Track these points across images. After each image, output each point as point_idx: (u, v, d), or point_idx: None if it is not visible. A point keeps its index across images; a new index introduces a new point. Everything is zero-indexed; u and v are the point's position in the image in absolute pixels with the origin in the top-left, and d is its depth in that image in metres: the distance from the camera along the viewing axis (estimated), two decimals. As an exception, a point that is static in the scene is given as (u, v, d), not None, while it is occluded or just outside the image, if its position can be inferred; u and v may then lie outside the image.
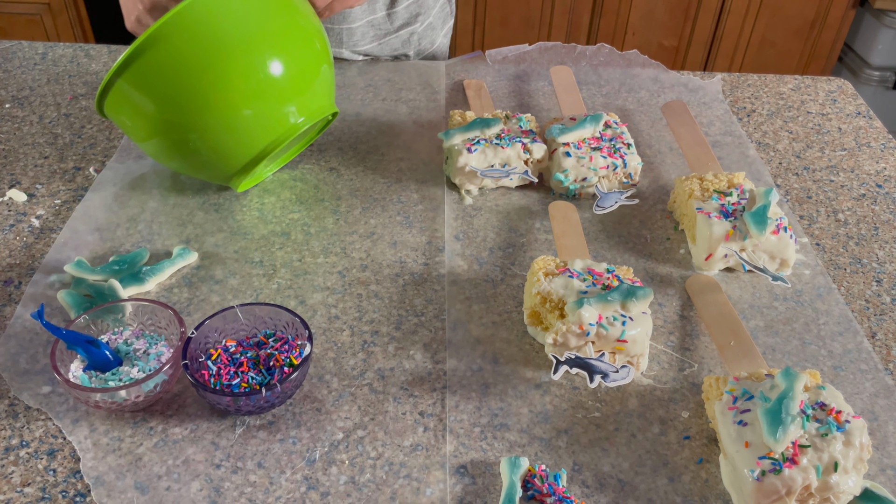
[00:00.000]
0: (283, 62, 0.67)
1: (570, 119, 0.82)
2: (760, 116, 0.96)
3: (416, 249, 0.73)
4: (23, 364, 0.60)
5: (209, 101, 0.65)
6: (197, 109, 0.66)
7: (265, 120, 0.69)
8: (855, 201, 0.82)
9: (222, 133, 0.68)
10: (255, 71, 0.66)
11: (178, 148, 0.69)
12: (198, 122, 0.67)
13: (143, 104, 0.66)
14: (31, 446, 0.54)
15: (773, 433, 0.50)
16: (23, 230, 0.73)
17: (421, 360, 0.62)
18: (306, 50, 0.70)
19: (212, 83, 0.65)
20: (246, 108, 0.67)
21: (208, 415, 0.57)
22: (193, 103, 0.65)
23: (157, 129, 0.68)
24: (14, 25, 2.09)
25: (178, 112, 0.66)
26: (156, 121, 0.67)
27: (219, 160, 0.71)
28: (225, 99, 0.66)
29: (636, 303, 0.59)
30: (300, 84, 0.70)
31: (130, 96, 0.66)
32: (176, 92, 0.65)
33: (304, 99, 0.71)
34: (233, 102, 0.66)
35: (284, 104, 0.69)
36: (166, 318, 0.59)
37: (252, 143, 0.70)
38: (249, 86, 0.66)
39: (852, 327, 0.66)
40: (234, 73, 0.65)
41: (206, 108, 0.66)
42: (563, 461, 0.54)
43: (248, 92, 0.66)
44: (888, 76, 2.19)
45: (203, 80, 0.64)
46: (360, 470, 0.53)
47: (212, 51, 0.64)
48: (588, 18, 2.17)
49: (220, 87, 0.65)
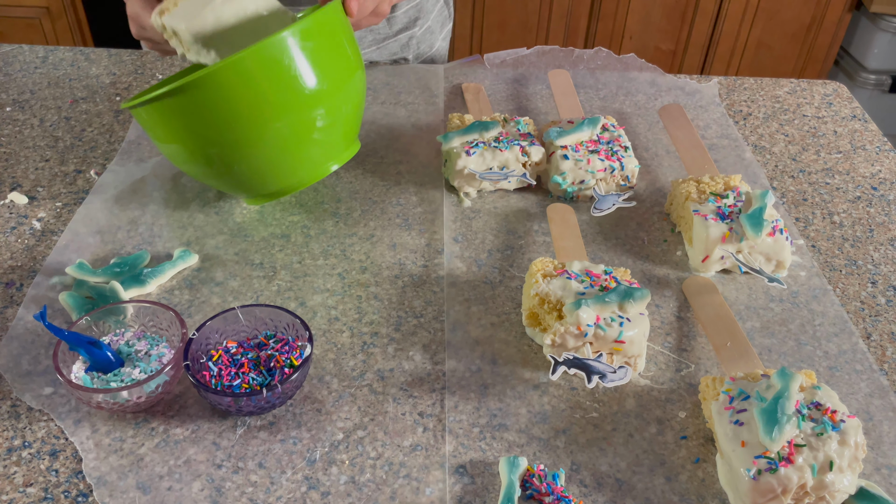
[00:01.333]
0: (328, 113, 0.67)
1: (568, 122, 0.83)
2: (757, 119, 0.97)
3: (416, 251, 0.73)
4: (25, 365, 0.60)
5: (247, 139, 0.64)
6: (232, 138, 0.65)
7: (299, 158, 0.69)
8: (850, 203, 0.82)
9: (252, 163, 0.67)
10: (301, 121, 0.65)
11: (200, 161, 0.67)
12: (229, 148, 0.65)
13: (178, 123, 0.64)
14: (33, 447, 0.55)
15: (769, 432, 0.50)
16: (24, 233, 0.74)
17: (420, 361, 0.62)
18: (351, 99, 0.70)
19: (253, 119, 0.63)
20: (280, 147, 0.66)
21: (209, 415, 0.57)
22: (229, 138, 0.64)
23: (183, 141, 0.66)
24: (13, 29, 2.09)
25: (212, 137, 0.65)
26: (184, 137, 0.65)
27: (240, 183, 0.71)
28: (262, 134, 0.65)
29: (633, 304, 0.60)
30: (340, 132, 0.70)
31: (168, 114, 0.64)
32: (214, 125, 0.63)
33: (341, 145, 0.72)
34: (268, 139, 0.65)
35: (322, 151, 0.70)
36: (167, 319, 0.60)
37: (280, 178, 0.70)
38: (292, 133, 0.66)
39: (847, 328, 0.66)
40: (279, 121, 0.64)
41: (241, 138, 0.65)
42: (561, 461, 0.55)
43: (290, 139, 0.66)
44: (884, 80, 2.20)
45: (246, 116, 0.63)
46: (360, 470, 0.54)
47: (261, 98, 0.63)
48: (585, 22, 2.18)
49: (262, 130, 0.64)
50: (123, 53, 1.05)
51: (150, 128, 0.67)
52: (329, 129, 0.68)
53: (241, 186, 0.71)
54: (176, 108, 0.63)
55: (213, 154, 0.66)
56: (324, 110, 0.66)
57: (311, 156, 0.69)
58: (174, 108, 0.63)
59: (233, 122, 0.63)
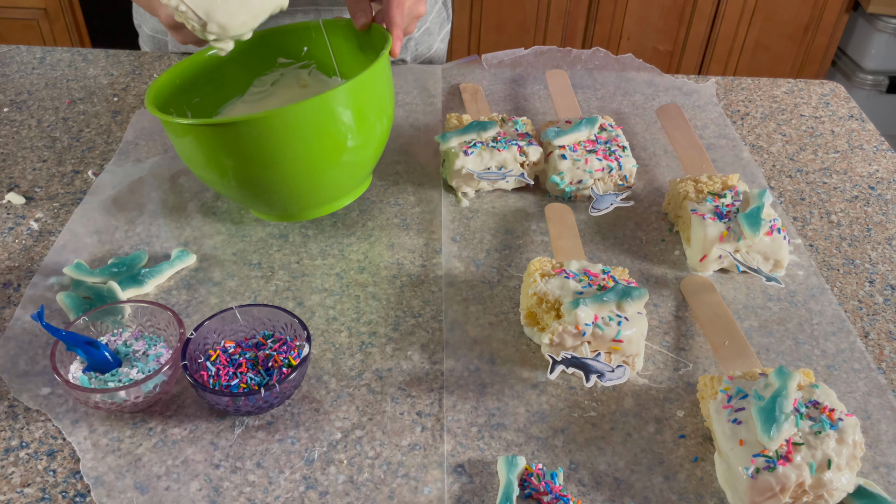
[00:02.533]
0: (357, 157, 0.68)
1: (566, 122, 0.83)
2: (754, 119, 0.97)
3: (414, 251, 0.73)
4: (22, 365, 0.60)
5: (273, 175, 0.65)
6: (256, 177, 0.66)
7: (318, 197, 0.71)
8: (848, 203, 0.82)
9: (274, 197, 0.69)
10: (330, 162, 0.67)
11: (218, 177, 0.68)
12: (250, 183, 0.67)
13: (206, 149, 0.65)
14: (30, 447, 0.55)
15: (767, 431, 0.50)
16: (21, 233, 0.74)
17: (418, 360, 0.62)
18: (380, 141, 0.71)
19: (280, 163, 0.65)
20: (306, 187, 0.68)
21: (207, 415, 0.57)
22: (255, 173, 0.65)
23: (213, 169, 0.67)
24: (10, 30, 2.09)
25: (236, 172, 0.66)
26: (216, 165, 0.66)
27: (252, 206, 0.72)
28: (290, 176, 0.66)
29: (631, 303, 0.60)
30: (362, 172, 0.72)
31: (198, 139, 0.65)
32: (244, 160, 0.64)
33: (359, 181, 0.73)
34: (296, 180, 0.67)
35: (343, 188, 0.72)
36: (165, 319, 0.60)
37: (295, 211, 0.72)
38: (319, 170, 0.67)
39: (845, 327, 0.66)
40: (308, 162, 0.65)
41: (266, 178, 0.66)
42: (559, 460, 0.55)
43: (316, 175, 0.67)
44: (881, 80, 2.20)
45: (274, 161, 0.64)
46: (358, 469, 0.54)
47: (298, 142, 0.64)
48: (583, 23, 2.19)
49: (289, 168, 0.65)
50: (121, 54, 1.05)
51: (176, 137, 0.67)
52: (351, 168, 0.70)
53: (250, 204, 0.73)
54: (209, 135, 0.64)
55: (232, 176, 0.66)
56: (354, 151, 0.68)
57: (328, 190, 0.71)
58: (208, 135, 0.64)
59: (263, 158, 0.64)
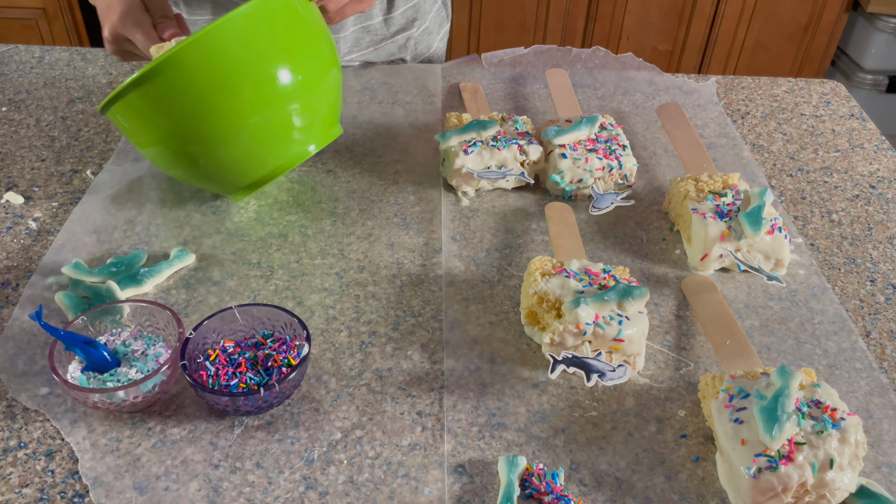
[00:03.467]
0: (296, 94, 0.67)
1: (566, 121, 0.83)
2: (754, 118, 0.97)
3: (414, 251, 0.73)
4: (21, 365, 0.60)
5: (219, 124, 0.64)
6: (205, 130, 0.65)
7: (275, 145, 0.68)
8: (849, 202, 0.82)
9: (229, 153, 0.67)
10: (269, 97, 0.65)
11: (180, 159, 0.68)
12: (204, 141, 0.66)
13: (150, 117, 0.65)
14: (29, 447, 0.54)
15: (769, 431, 0.50)
16: (20, 232, 0.73)
17: (418, 360, 0.62)
18: (319, 77, 0.69)
19: (223, 107, 0.64)
20: (255, 135, 0.66)
21: (206, 415, 0.57)
22: (203, 124, 0.64)
23: (161, 140, 0.66)
24: (9, 30, 2.09)
25: (185, 129, 0.65)
26: (161, 133, 0.66)
27: (222, 177, 0.70)
28: (235, 123, 0.65)
29: (632, 302, 0.60)
30: (311, 112, 0.69)
31: (139, 108, 0.65)
32: (185, 111, 0.64)
33: (315, 126, 0.71)
34: (243, 127, 0.65)
35: (295, 131, 0.69)
36: (164, 319, 0.59)
37: (258, 167, 0.69)
38: (261, 112, 0.65)
39: (847, 326, 0.66)
40: (247, 100, 0.64)
41: (215, 128, 0.65)
42: (560, 460, 0.55)
43: (260, 120, 0.66)
44: (881, 80, 2.20)
45: (215, 103, 0.63)
46: (358, 469, 0.53)
47: (226, 77, 0.63)
48: (583, 23, 2.18)
49: (232, 112, 0.64)
50: (120, 53, 1.05)
51: (127, 129, 0.68)
52: (301, 108, 0.68)
53: (220, 180, 0.71)
54: (144, 97, 0.63)
55: (186, 149, 0.66)
56: (291, 84, 0.66)
57: (286, 136, 0.69)
58: (142, 99, 0.64)
59: (201, 104, 0.63)
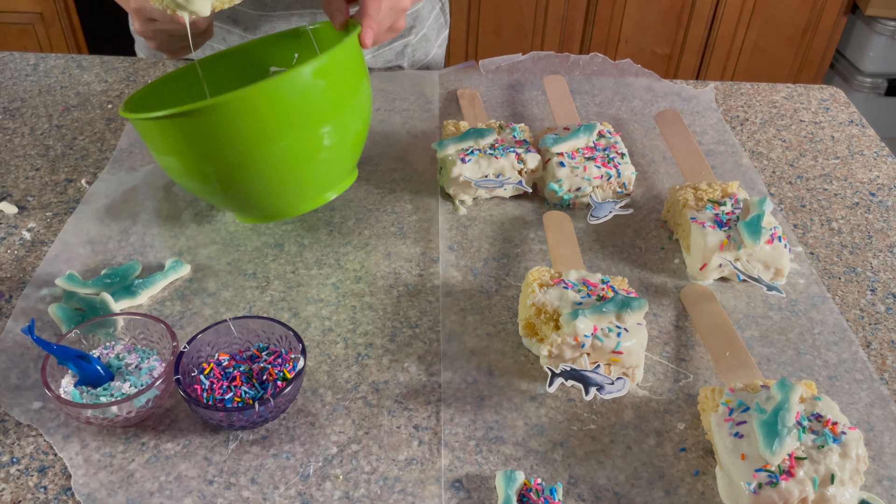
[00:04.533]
0: (333, 147, 0.67)
1: (564, 129, 0.82)
2: (753, 125, 0.96)
3: (411, 260, 0.72)
4: (13, 379, 0.59)
5: (248, 165, 0.64)
6: (232, 167, 0.64)
7: (298, 189, 0.68)
8: (848, 210, 0.82)
9: (249, 190, 0.66)
10: (307, 148, 0.65)
11: (196, 181, 0.67)
12: (227, 176, 0.65)
13: (180, 145, 0.63)
14: (21, 463, 0.54)
15: (769, 445, 0.49)
16: (14, 243, 0.73)
17: (415, 372, 0.61)
18: (356, 132, 0.69)
19: (257, 152, 0.63)
20: (282, 179, 0.66)
21: (201, 430, 0.56)
22: (230, 162, 0.63)
23: (183, 163, 0.65)
24: (6, 36, 2.08)
25: (211, 162, 0.64)
26: (184, 159, 0.64)
27: (234, 205, 0.70)
28: (264, 166, 0.64)
29: (631, 314, 0.59)
30: (340, 162, 0.70)
31: (171, 133, 0.63)
32: (217, 149, 0.62)
33: (341, 174, 0.71)
34: (271, 172, 0.65)
35: (321, 179, 0.69)
36: (158, 332, 0.59)
37: (275, 206, 0.69)
38: (294, 161, 0.65)
39: (847, 337, 0.66)
40: (283, 148, 0.63)
41: (242, 168, 0.64)
42: (558, 474, 0.54)
43: (291, 166, 0.65)
44: (880, 83, 2.20)
45: (250, 148, 0.62)
46: (354, 485, 0.53)
47: (270, 127, 0.62)
48: (581, 27, 2.18)
49: (264, 157, 0.63)
50: (115, 61, 1.04)
51: (150, 139, 0.66)
52: (330, 160, 0.68)
53: (236, 206, 0.71)
54: (180, 128, 0.62)
55: (211, 173, 0.65)
56: (329, 141, 0.66)
57: (310, 184, 0.69)
58: (178, 128, 0.62)
59: (236, 149, 0.62)
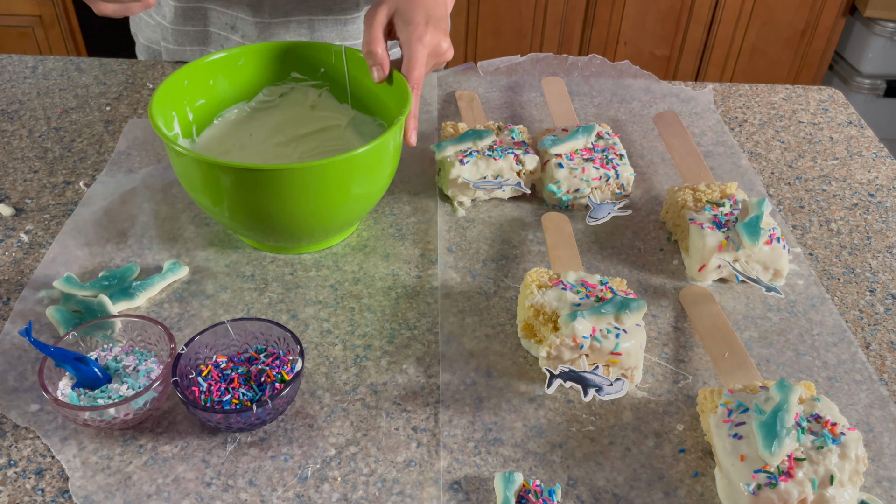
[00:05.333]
0: (357, 210, 0.69)
1: (563, 130, 0.82)
2: (752, 126, 0.96)
3: (409, 262, 0.72)
4: (11, 382, 0.59)
5: (280, 218, 0.65)
6: (261, 215, 0.65)
7: (312, 239, 0.71)
8: (847, 211, 0.82)
9: (269, 232, 0.68)
10: (343, 211, 0.67)
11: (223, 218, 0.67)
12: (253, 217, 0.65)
13: (222, 189, 0.64)
14: (18, 465, 0.54)
15: (768, 446, 0.49)
16: (12, 245, 0.73)
17: (414, 374, 0.61)
18: (379, 195, 0.72)
19: (293, 210, 0.64)
20: (300, 234, 0.68)
21: (199, 432, 0.56)
22: (262, 213, 0.64)
23: (218, 205, 0.65)
24: (5, 38, 2.08)
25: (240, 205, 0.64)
26: (223, 201, 0.65)
27: (251, 236, 0.71)
28: (294, 220, 0.66)
29: (630, 315, 0.59)
30: (356, 219, 0.73)
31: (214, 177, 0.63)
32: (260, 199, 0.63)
33: (349, 228, 0.74)
34: (300, 224, 0.66)
35: (336, 231, 0.72)
36: (156, 334, 0.59)
37: (289, 247, 0.72)
38: (326, 217, 0.67)
39: (846, 337, 0.66)
40: (318, 209, 0.65)
41: (271, 218, 0.65)
42: (557, 476, 0.54)
43: (317, 226, 0.68)
44: (879, 84, 2.20)
45: (288, 207, 0.64)
46: (352, 487, 0.53)
47: (314, 194, 0.64)
48: (580, 28, 2.18)
49: (297, 213, 0.65)
50: (114, 63, 1.04)
51: (191, 174, 0.65)
52: (348, 218, 0.70)
53: (248, 235, 0.71)
54: (233, 176, 0.62)
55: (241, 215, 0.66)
56: (353, 208, 0.68)
57: (325, 233, 0.71)
58: (230, 176, 0.62)
59: (278, 204, 0.63)
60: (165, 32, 1.01)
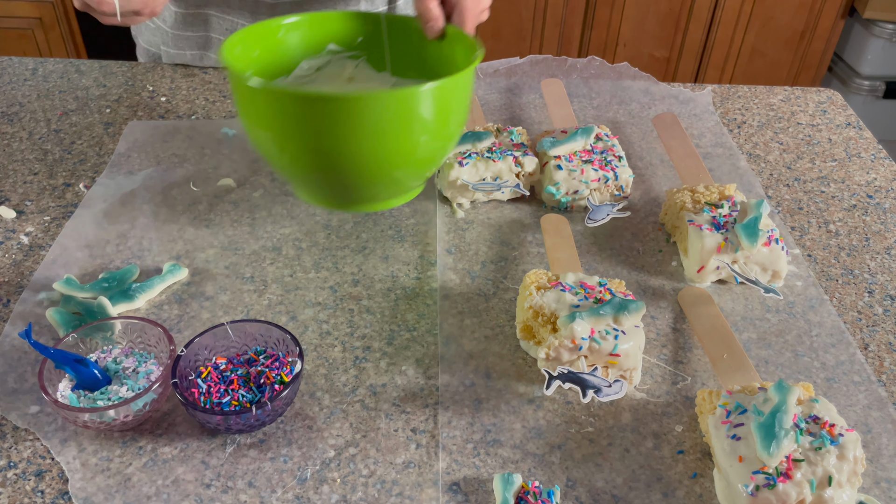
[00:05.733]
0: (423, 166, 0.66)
1: (562, 132, 0.82)
2: (751, 128, 0.97)
3: (408, 263, 0.72)
4: (10, 383, 0.59)
5: (345, 159, 0.61)
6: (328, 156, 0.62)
7: (373, 195, 0.67)
8: (846, 212, 0.82)
9: (332, 181, 0.65)
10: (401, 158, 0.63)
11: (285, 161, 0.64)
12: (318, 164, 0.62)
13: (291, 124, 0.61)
14: (18, 467, 0.54)
15: (766, 447, 0.49)
16: (12, 247, 0.73)
17: (413, 375, 0.61)
18: (445, 155, 0.69)
19: (360, 149, 0.61)
20: (363, 185, 0.65)
21: (198, 434, 0.56)
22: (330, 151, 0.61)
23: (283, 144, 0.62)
24: (6, 40, 2.09)
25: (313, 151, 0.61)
26: (289, 138, 0.62)
27: (306, 186, 0.68)
28: (357, 166, 0.62)
29: (628, 316, 0.59)
30: (425, 175, 0.69)
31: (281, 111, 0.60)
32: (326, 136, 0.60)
33: (412, 188, 0.70)
34: (361, 173, 0.63)
35: (400, 189, 0.68)
36: (156, 335, 0.59)
37: (353, 204, 0.68)
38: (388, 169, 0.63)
39: (845, 339, 0.66)
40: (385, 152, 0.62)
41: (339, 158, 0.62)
42: (556, 477, 0.54)
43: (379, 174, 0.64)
44: (878, 85, 2.20)
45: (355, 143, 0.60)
46: (351, 488, 0.53)
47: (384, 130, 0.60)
48: (579, 30, 2.18)
49: (365, 155, 0.61)
50: (114, 65, 1.04)
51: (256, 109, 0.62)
52: (417, 172, 0.67)
53: (305, 185, 0.68)
54: (302, 108, 0.59)
55: (305, 156, 0.63)
56: (424, 156, 0.64)
57: (389, 188, 0.67)
58: (300, 107, 0.59)
59: (344, 141, 0.60)
60: (166, 37, 1.02)
